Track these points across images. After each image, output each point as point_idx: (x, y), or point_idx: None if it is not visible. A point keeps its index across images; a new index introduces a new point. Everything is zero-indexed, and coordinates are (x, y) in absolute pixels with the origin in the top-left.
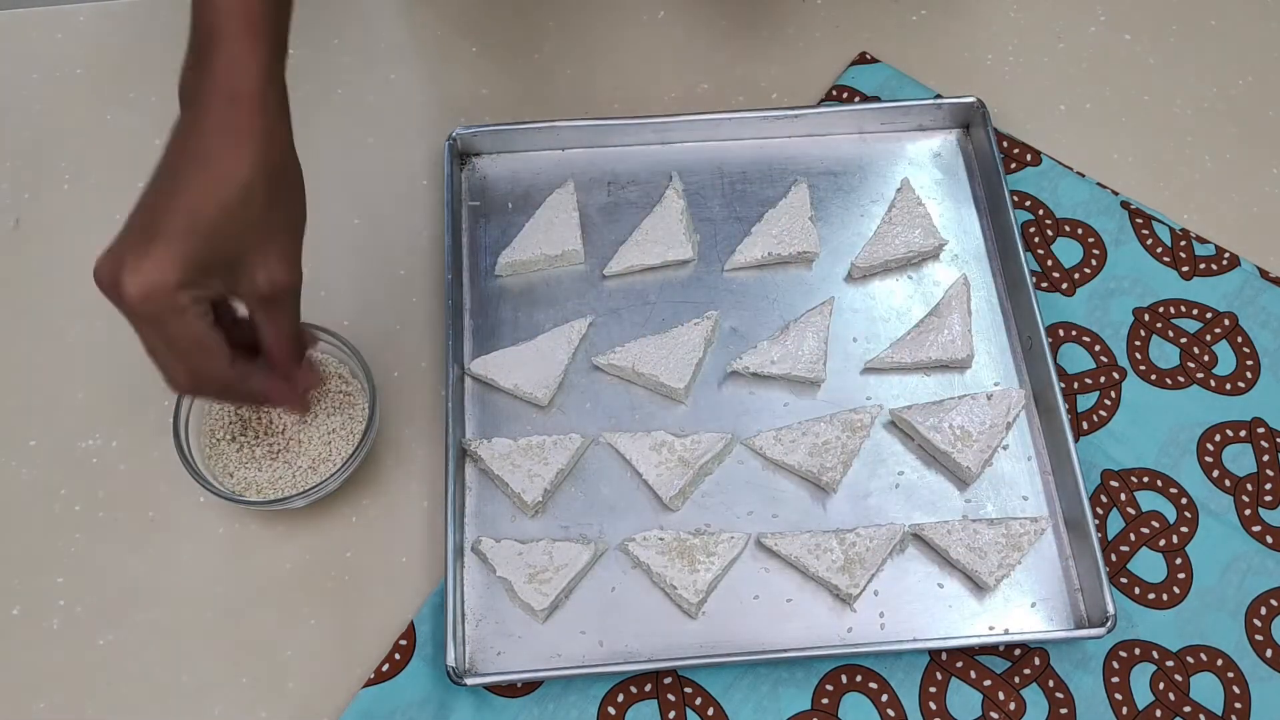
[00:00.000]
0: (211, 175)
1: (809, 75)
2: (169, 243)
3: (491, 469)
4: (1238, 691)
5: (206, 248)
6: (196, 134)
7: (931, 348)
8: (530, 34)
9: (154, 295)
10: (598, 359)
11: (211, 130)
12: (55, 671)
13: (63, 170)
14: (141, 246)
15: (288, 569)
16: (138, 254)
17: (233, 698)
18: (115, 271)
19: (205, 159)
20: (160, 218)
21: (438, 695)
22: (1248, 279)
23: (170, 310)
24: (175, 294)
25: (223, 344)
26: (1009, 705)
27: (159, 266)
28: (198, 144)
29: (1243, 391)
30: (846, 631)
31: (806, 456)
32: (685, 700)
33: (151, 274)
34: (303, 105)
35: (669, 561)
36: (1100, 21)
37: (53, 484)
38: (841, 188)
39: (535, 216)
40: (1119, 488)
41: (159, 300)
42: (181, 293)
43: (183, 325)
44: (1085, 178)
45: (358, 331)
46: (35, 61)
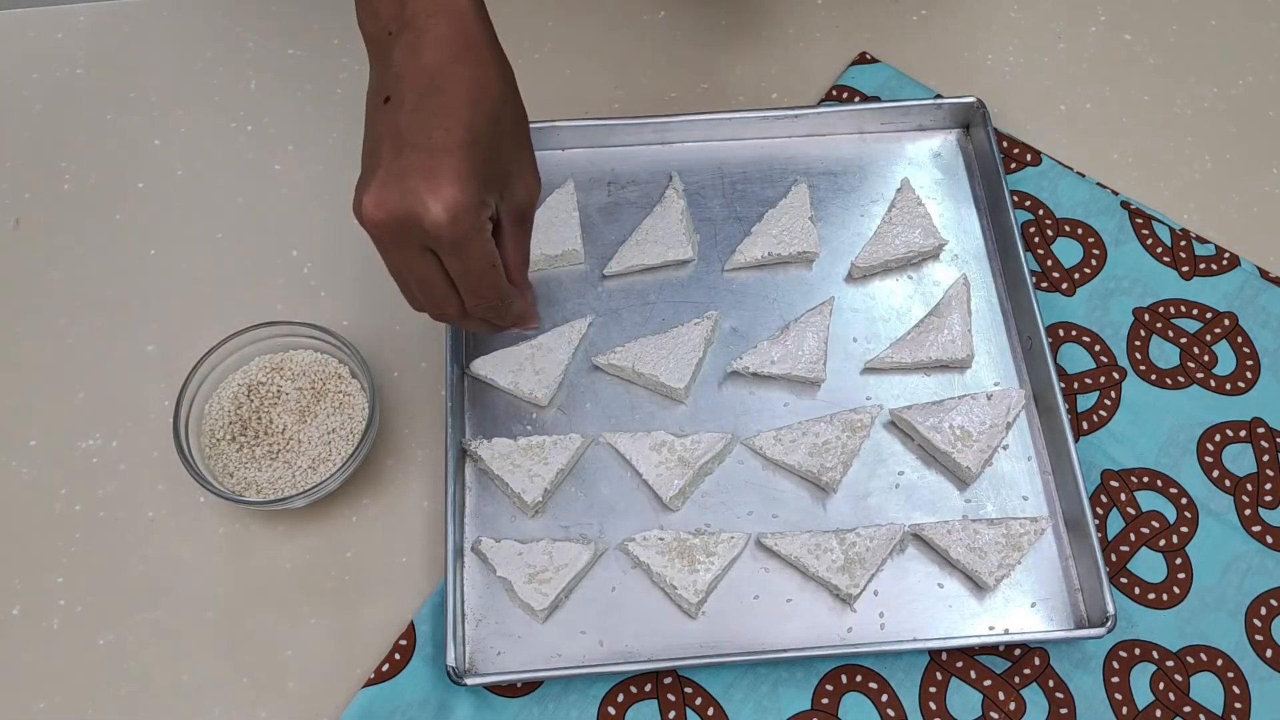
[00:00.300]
0: (468, 88)
1: (809, 75)
2: (458, 161)
3: (491, 469)
4: (1238, 691)
5: (487, 161)
6: (428, 53)
7: (931, 348)
8: (530, 34)
9: (461, 216)
10: (598, 359)
11: (443, 46)
12: (55, 671)
13: (63, 170)
14: (428, 171)
15: (288, 569)
16: (430, 179)
17: (233, 698)
18: (408, 203)
19: (453, 74)
20: (434, 138)
21: (438, 695)
22: (1248, 279)
23: (476, 229)
24: (479, 212)
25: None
26: (1009, 705)
27: (459, 187)
28: (435, 62)
29: (1243, 391)
30: (846, 631)
31: (806, 456)
32: (685, 700)
33: (455, 195)
34: (303, 105)
35: (669, 561)
36: (1100, 21)
37: (53, 484)
38: (841, 188)
39: (535, 216)
40: (1119, 488)
41: (467, 220)
42: (481, 209)
43: (482, 244)
44: (1085, 178)
45: (358, 331)
46: (35, 61)
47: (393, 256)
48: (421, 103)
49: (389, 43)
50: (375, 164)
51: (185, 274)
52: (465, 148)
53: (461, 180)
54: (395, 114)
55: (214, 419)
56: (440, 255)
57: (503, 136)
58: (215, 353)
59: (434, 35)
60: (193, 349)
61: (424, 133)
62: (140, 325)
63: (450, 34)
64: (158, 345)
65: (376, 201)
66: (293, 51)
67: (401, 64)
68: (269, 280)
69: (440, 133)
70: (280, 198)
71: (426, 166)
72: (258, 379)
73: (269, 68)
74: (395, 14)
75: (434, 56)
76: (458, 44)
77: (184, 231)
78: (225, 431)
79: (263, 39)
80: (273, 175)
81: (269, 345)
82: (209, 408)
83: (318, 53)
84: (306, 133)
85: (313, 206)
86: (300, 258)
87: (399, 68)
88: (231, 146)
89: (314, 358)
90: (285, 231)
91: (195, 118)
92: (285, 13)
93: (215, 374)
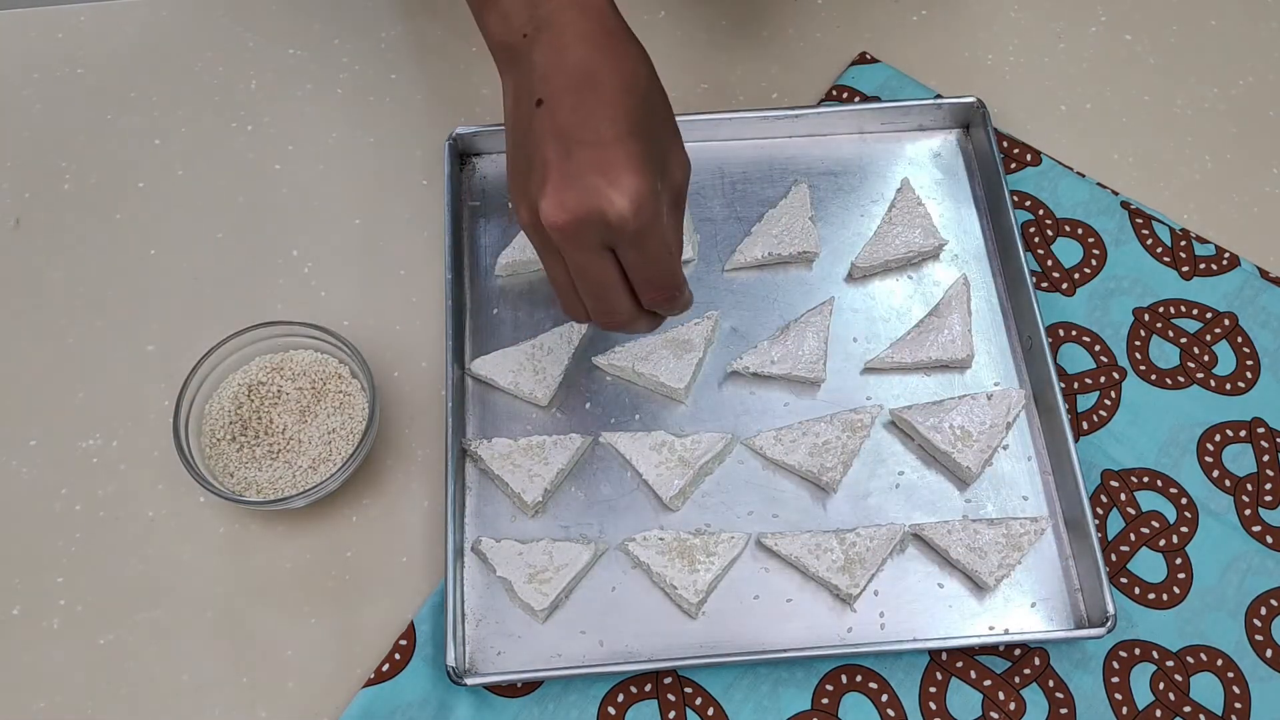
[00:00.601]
0: (622, 78)
1: (809, 75)
2: (629, 150)
3: (491, 469)
4: (1238, 691)
5: (652, 148)
6: (573, 50)
7: (931, 348)
8: None
9: (644, 205)
10: (598, 359)
11: (588, 41)
12: (55, 671)
13: (63, 170)
14: (603, 165)
15: (288, 569)
16: (607, 173)
17: (233, 698)
18: (591, 200)
19: (604, 67)
20: (600, 133)
21: (438, 695)
22: (1248, 279)
23: (656, 216)
24: (657, 198)
25: None
26: (1009, 705)
27: (637, 176)
28: (583, 58)
29: (1243, 391)
30: (846, 631)
31: (806, 456)
32: (685, 700)
33: (635, 184)
34: (303, 105)
35: (669, 561)
36: (1100, 21)
37: (53, 484)
38: (841, 188)
39: None
40: (1119, 488)
41: (649, 208)
42: (658, 196)
43: (661, 231)
44: (1085, 178)
45: (358, 331)
46: (35, 61)
47: (573, 259)
48: (580, 100)
49: (525, 45)
50: (543, 168)
51: (185, 274)
52: (632, 137)
53: (637, 169)
54: (553, 115)
55: (214, 419)
56: (620, 249)
57: (656, 121)
58: (215, 353)
59: (575, 31)
60: (193, 349)
61: (589, 128)
62: (140, 325)
63: (591, 28)
64: (158, 345)
65: (556, 204)
66: (293, 51)
67: (547, 64)
68: (269, 280)
69: (605, 126)
70: (280, 198)
71: (600, 161)
72: (258, 379)
73: (269, 68)
74: (528, 16)
75: (580, 52)
76: (600, 36)
77: (184, 231)
78: (225, 431)
79: (263, 39)
80: (273, 175)
81: (269, 345)
82: (209, 408)
83: (318, 53)
84: (306, 133)
85: (313, 206)
86: (300, 258)
87: (545, 68)
88: (231, 146)
89: (314, 358)
90: (285, 231)
91: (195, 118)
92: (285, 13)
93: (215, 374)
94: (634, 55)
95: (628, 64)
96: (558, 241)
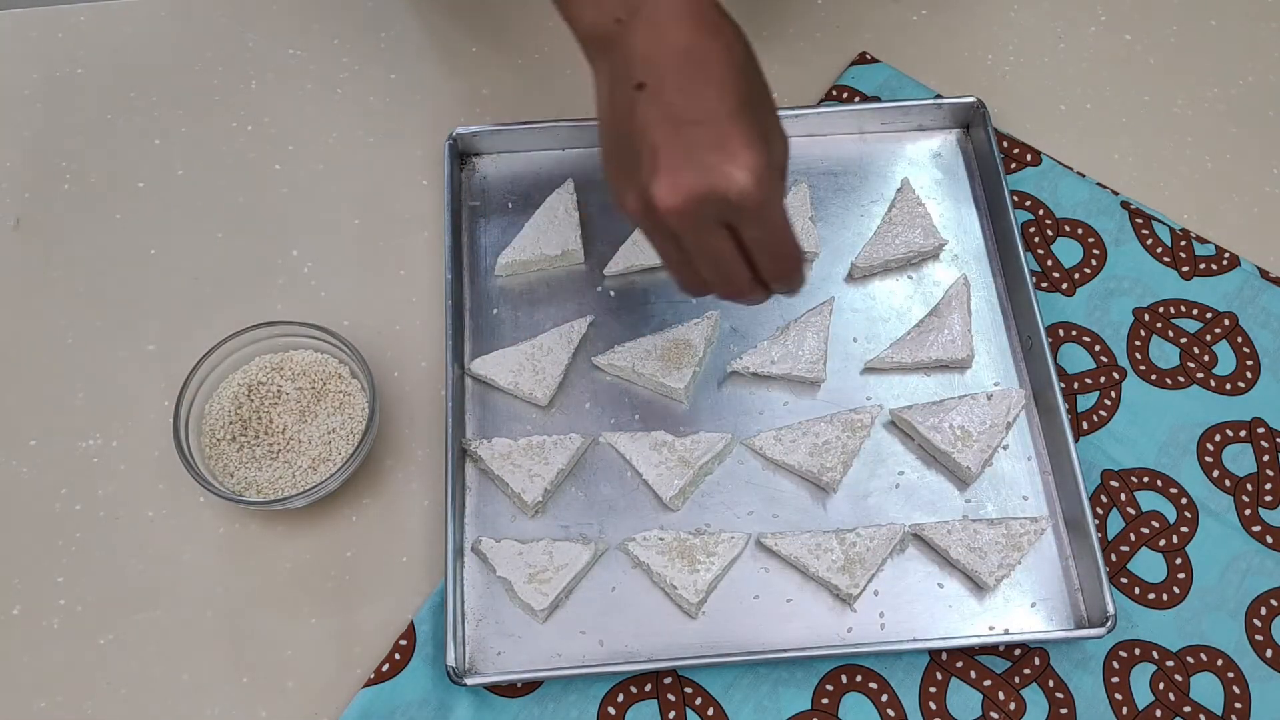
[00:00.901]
0: (726, 57)
1: (809, 75)
2: (743, 126)
3: (491, 469)
4: (1238, 691)
5: (760, 125)
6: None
7: (931, 348)
8: (530, 34)
9: (763, 178)
10: (598, 359)
11: (688, 22)
12: (55, 671)
13: (63, 170)
14: (718, 142)
15: (288, 569)
16: (722, 150)
17: (233, 697)
18: (708, 178)
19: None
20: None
21: (438, 695)
22: (1248, 279)
23: (775, 190)
24: (773, 172)
25: None
26: (1009, 705)
27: (753, 150)
28: (685, 39)
29: (1243, 391)
30: (846, 631)
31: (806, 456)
32: (685, 700)
33: (753, 158)
34: (303, 105)
35: (669, 561)
36: (1100, 21)
37: (53, 484)
38: (841, 188)
39: (535, 216)
40: (1119, 488)
41: (768, 181)
42: (774, 169)
43: (779, 205)
44: (1085, 178)
45: (358, 331)
46: (35, 61)
47: (691, 239)
48: (687, 80)
49: (619, 31)
50: (651, 152)
51: (185, 274)
52: (742, 113)
53: (752, 143)
54: (658, 96)
55: (214, 419)
56: (741, 225)
57: (759, 98)
58: (215, 353)
59: (673, 13)
60: (193, 349)
61: (698, 108)
62: (140, 325)
63: (688, 10)
64: (158, 345)
65: (671, 185)
66: (293, 51)
67: (648, 47)
68: (269, 280)
69: (714, 104)
70: (280, 198)
71: (714, 138)
72: (258, 379)
73: (269, 68)
74: (621, 1)
75: (682, 34)
76: (699, 18)
77: (184, 231)
78: (225, 431)
79: (263, 39)
80: (273, 175)
81: (269, 345)
82: (209, 408)
83: (318, 53)
84: (306, 133)
85: (313, 206)
86: (300, 258)
87: (645, 51)
88: (231, 146)
89: (314, 358)
90: (285, 231)
91: (195, 118)
92: (285, 13)
93: (215, 374)
94: (733, 34)
95: (729, 42)
96: (674, 224)
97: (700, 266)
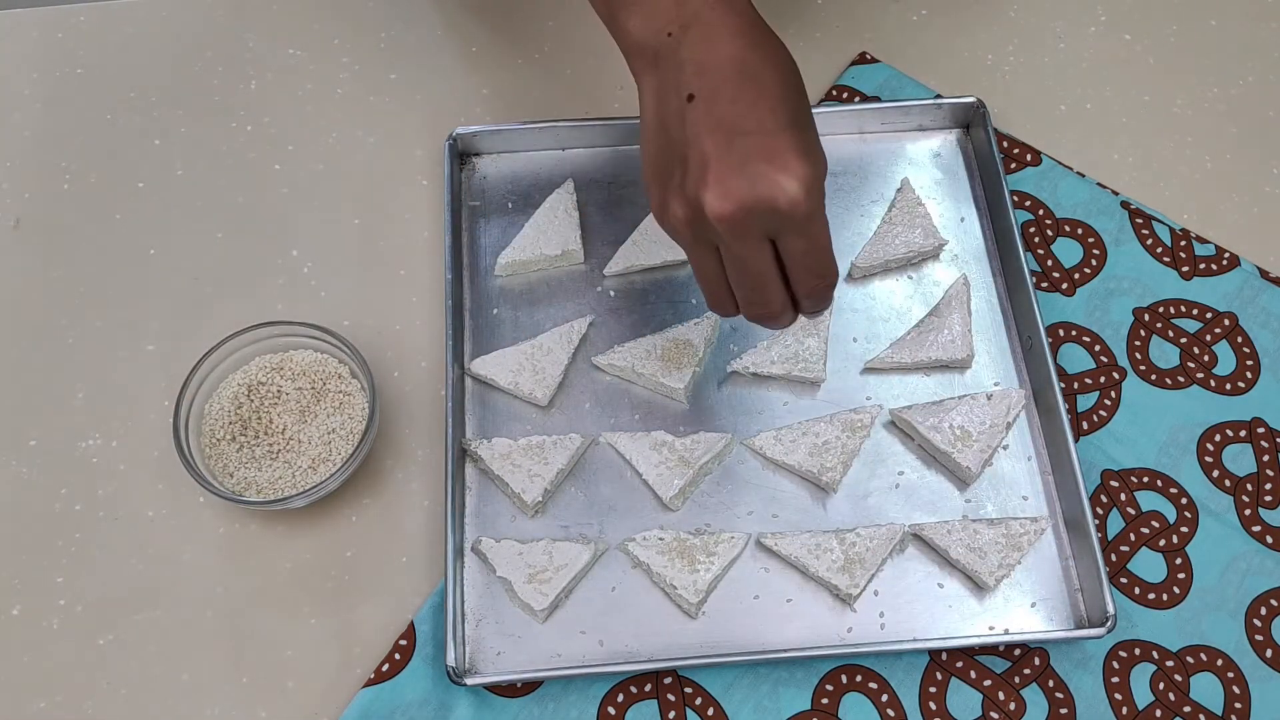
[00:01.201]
0: (777, 71)
1: (809, 75)
2: (794, 138)
3: (491, 469)
4: (1238, 691)
5: (809, 136)
6: (725, 45)
7: (931, 348)
8: (530, 34)
9: (813, 189)
10: (598, 359)
11: (739, 36)
12: (55, 671)
13: (63, 170)
14: (769, 153)
15: (288, 569)
16: (774, 160)
17: (233, 698)
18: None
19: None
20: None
21: (438, 695)
22: (1248, 279)
23: (821, 203)
24: (822, 185)
25: None
26: (1009, 705)
27: (804, 161)
28: (737, 52)
29: (1243, 391)
30: (846, 631)
31: (806, 456)
32: (685, 700)
33: (804, 169)
34: (303, 105)
35: (669, 561)
36: (1100, 21)
37: (53, 484)
38: (841, 188)
39: (535, 216)
40: (1119, 488)
41: (817, 193)
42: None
43: (824, 218)
44: (1085, 178)
45: (358, 331)
46: (35, 61)
47: (735, 250)
48: (739, 91)
49: (670, 44)
50: (701, 161)
51: (185, 274)
52: (794, 126)
53: (803, 155)
54: (709, 108)
55: (214, 419)
56: (785, 237)
57: (805, 114)
58: (215, 353)
59: (725, 27)
60: (193, 349)
61: (751, 119)
62: (140, 325)
63: (740, 24)
64: (158, 345)
65: (722, 194)
66: (293, 51)
67: (700, 59)
68: (269, 280)
69: (767, 115)
70: (280, 198)
71: (766, 149)
72: (258, 379)
73: (269, 68)
74: (674, 14)
75: (733, 47)
76: (750, 32)
77: (184, 231)
78: (225, 431)
79: (263, 39)
80: (273, 175)
81: (269, 345)
82: (209, 408)
83: (318, 53)
84: (306, 133)
85: (313, 206)
86: (300, 258)
87: (697, 63)
88: (231, 146)
89: (314, 358)
90: (285, 231)
91: (195, 118)
92: (285, 13)
93: (215, 374)
94: (782, 50)
95: (779, 59)
96: (723, 232)
97: (738, 283)
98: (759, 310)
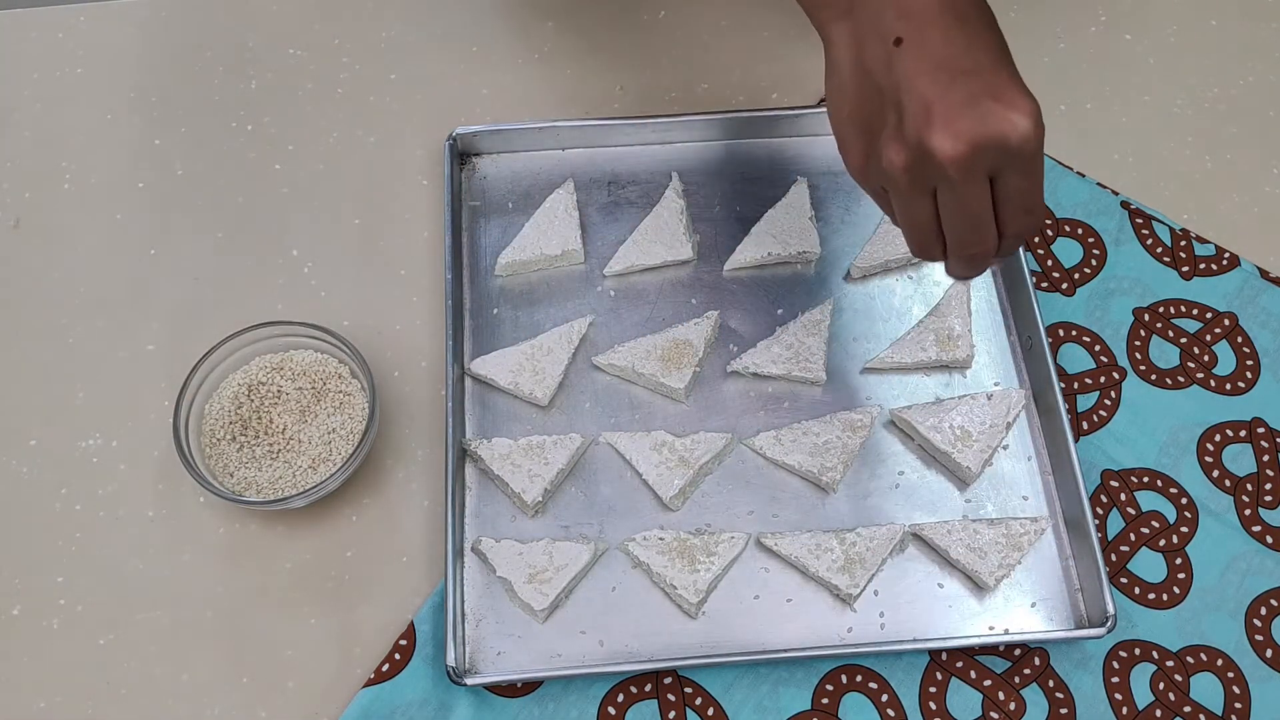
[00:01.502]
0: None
1: (809, 75)
2: (1012, 75)
3: (491, 469)
4: (1238, 691)
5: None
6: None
7: (931, 348)
8: (530, 34)
9: (1040, 125)
10: (598, 359)
11: None
12: (55, 671)
13: (63, 170)
14: (994, 91)
15: (288, 569)
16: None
17: (233, 698)
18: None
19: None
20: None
21: (438, 695)
22: (1248, 279)
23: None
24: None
25: None
26: (1009, 705)
27: (1028, 96)
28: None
29: (1243, 391)
30: (846, 631)
31: (806, 456)
32: (685, 700)
33: (1031, 105)
34: (303, 105)
35: (669, 561)
36: (1100, 21)
37: (53, 484)
38: (841, 188)
39: (535, 216)
40: (1119, 488)
41: (1042, 129)
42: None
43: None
44: (1085, 178)
45: (358, 331)
46: (35, 61)
47: (960, 191)
48: (949, 33)
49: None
50: (921, 103)
51: (185, 274)
52: (1008, 63)
53: (1026, 91)
54: (922, 49)
55: (214, 419)
56: (1008, 175)
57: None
58: (215, 353)
59: None
60: (193, 349)
61: (968, 58)
62: (140, 325)
63: None
64: (158, 345)
65: (952, 134)
66: (293, 51)
67: (901, 2)
68: (269, 280)
69: (982, 54)
70: (280, 198)
71: (990, 86)
72: (258, 379)
73: (269, 68)
74: None
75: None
76: None
77: (184, 231)
78: (225, 431)
79: (263, 39)
80: (273, 175)
81: (269, 345)
82: (209, 408)
83: (318, 53)
84: (306, 133)
85: (313, 206)
86: (300, 258)
87: (901, 5)
88: (231, 146)
89: (314, 358)
90: (285, 231)
91: (195, 118)
92: (285, 13)
93: (215, 374)
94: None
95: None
96: (952, 173)
97: (953, 225)
98: (973, 250)
